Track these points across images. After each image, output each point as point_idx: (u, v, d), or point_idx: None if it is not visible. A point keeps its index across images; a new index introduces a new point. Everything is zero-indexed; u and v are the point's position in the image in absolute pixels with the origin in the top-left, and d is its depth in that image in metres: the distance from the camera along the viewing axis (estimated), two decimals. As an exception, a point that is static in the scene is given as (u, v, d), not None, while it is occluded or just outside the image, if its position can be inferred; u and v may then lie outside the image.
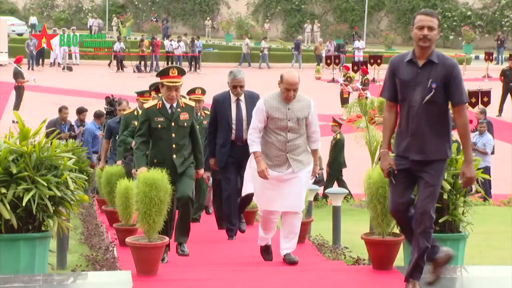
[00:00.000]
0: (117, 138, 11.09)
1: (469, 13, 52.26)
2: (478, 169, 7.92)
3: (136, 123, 9.89)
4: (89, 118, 16.40)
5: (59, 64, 39.87)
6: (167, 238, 7.09)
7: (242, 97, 9.04)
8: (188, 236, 8.21)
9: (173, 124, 7.97)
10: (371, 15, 54.36)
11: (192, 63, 40.91)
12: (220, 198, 9.54)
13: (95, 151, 14.73)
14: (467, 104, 5.77)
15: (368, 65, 33.56)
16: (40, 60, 40.77)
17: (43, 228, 6.51)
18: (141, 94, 11.22)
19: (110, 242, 8.72)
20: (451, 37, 52.57)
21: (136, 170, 7.94)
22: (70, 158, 6.81)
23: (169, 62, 40.92)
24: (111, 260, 7.72)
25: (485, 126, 16.09)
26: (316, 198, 13.20)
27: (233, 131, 8.97)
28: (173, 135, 7.97)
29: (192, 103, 8.31)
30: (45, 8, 62.10)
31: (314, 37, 51.68)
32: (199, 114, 10.49)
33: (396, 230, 6.64)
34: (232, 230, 9.29)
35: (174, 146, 7.96)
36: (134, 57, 40.86)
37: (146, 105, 8.14)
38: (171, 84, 7.94)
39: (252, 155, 7.43)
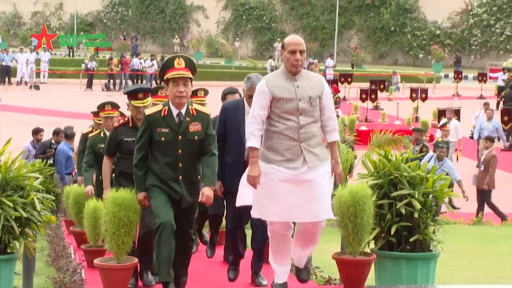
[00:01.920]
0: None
1: (438, 32, 52.78)
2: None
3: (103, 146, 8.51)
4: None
5: (26, 82, 39.53)
6: (136, 259, 6.99)
7: None
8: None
9: (180, 137, 6.28)
10: (341, 33, 54.72)
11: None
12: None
13: (69, 172, 14.60)
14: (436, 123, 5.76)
15: (339, 83, 33.67)
16: (6, 78, 40.44)
17: (8, 250, 6.39)
18: (101, 107, 9.70)
19: (78, 264, 8.59)
20: (420, 55, 53.05)
21: (136, 194, 6.45)
22: (37, 178, 6.70)
23: (138, 81, 40.80)
24: (78, 283, 7.59)
25: (445, 151, 15.34)
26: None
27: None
28: (180, 151, 6.29)
29: (207, 110, 6.50)
30: (12, 26, 61.79)
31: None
32: None
33: (367, 249, 6.60)
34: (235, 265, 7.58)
35: (180, 165, 6.30)
36: (102, 75, 40.65)
37: (148, 111, 6.40)
38: (177, 75, 6.24)
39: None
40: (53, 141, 15.57)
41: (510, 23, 50.83)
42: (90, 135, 9.49)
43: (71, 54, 52.23)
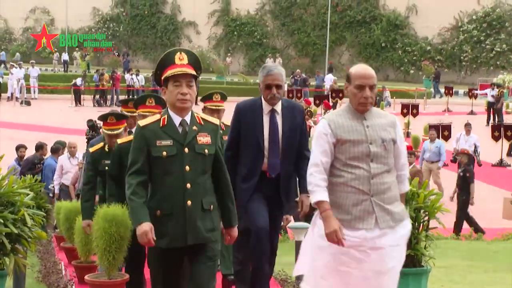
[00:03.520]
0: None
1: (428, 48, 52.99)
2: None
3: (107, 162, 7.57)
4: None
5: (17, 98, 39.47)
6: (127, 275, 6.96)
7: (279, 107, 6.19)
8: None
9: (187, 150, 4.90)
10: (333, 49, 54.87)
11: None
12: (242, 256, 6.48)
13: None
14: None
15: (330, 99, 33.69)
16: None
17: (-2, 267, 6.36)
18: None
19: (69, 280, 8.55)
20: (411, 71, 53.21)
21: (135, 228, 4.82)
22: (28, 194, 6.67)
23: (130, 96, 40.78)
24: (69, 299, 7.55)
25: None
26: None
27: (265, 157, 6.14)
28: (188, 168, 4.88)
29: (216, 121, 5.15)
30: (3, 42, 61.79)
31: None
32: None
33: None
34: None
35: (189, 185, 4.87)
36: (92, 91, 40.57)
37: (142, 122, 5.01)
38: (179, 72, 4.92)
39: (316, 214, 4.90)
40: (37, 156, 15.43)
41: (500, 40, 51.09)
42: (91, 149, 8.03)
43: (65, 69, 52.13)
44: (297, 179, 6.40)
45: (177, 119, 4.94)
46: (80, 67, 49.53)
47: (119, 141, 7.14)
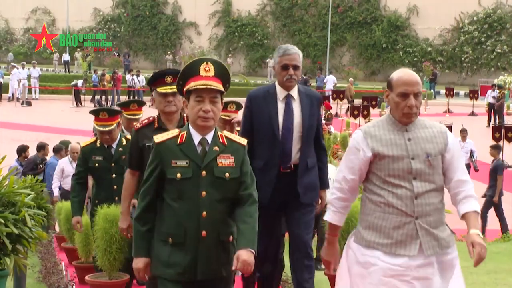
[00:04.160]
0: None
1: (429, 49, 53.01)
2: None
3: (97, 158, 7.58)
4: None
5: (18, 98, 39.48)
6: (127, 276, 6.96)
7: (295, 93, 5.71)
8: None
9: (204, 173, 4.28)
10: (334, 50, 54.90)
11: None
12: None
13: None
14: None
15: (331, 100, 33.73)
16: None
17: (-1, 267, 6.35)
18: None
19: (69, 281, 8.54)
20: (412, 72, 53.18)
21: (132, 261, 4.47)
22: (29, 194, 6.67)
23: (131, 97, 40.80)
24: (70, 299, 7.54)
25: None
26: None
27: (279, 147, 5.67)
28: (204, 193, 4.27)
29: (243, 141, 4.46)
30: (4, 42, 61.87)
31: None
32: None
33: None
34: None
35: (204, 214, 4.25)
36: (91, 92, 40.58)
37: (157, 138, 4.36)
38: (202, 86, 4.31)
39: (351, 235, 4.45)
40: (39, 157, 15.41)
41: (501, 41, 51.12)
42: (82, 144, 7.99)
43: (66, 69, 52.20)
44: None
45: (196, 137, 4.33)
46: (81, 67, 49.55)
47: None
